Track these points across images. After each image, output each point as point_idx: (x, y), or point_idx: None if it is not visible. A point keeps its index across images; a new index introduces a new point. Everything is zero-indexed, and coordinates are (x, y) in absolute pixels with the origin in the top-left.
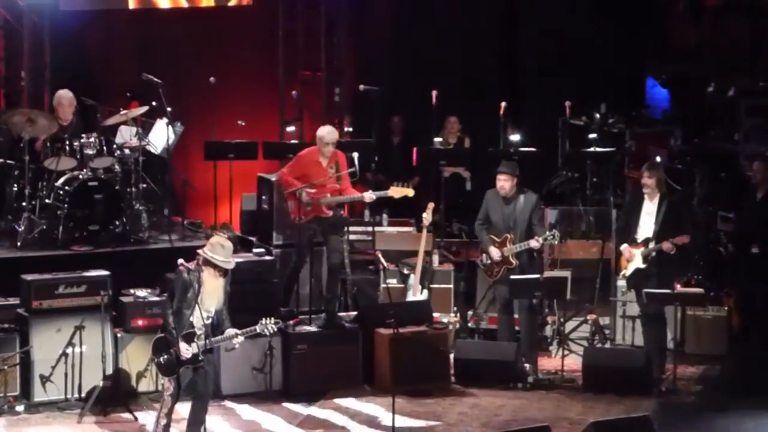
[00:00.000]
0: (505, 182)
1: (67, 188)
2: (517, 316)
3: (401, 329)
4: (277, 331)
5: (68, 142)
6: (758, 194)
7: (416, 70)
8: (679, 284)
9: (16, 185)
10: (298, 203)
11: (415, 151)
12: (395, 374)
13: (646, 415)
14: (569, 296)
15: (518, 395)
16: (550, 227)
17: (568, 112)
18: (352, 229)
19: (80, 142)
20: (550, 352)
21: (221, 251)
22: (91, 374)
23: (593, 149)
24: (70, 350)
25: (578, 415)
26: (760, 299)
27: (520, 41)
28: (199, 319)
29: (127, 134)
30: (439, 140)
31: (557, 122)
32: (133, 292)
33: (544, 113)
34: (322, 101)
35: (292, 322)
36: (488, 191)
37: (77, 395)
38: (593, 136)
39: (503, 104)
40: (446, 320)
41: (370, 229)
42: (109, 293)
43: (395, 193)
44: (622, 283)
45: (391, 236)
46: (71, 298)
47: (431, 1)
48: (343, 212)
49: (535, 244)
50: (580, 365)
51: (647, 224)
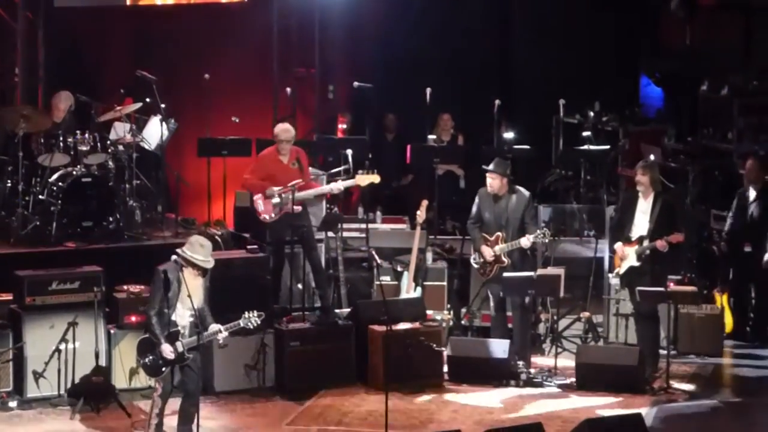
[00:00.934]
0: (493, 180)
1: (60, 184)
2: (510, 314)
3: (395, 326)
4: (259, 323)
5: (62, 138)
6: (751, 193)
7: (410, 67)
8: (672, 282)
9: (9, 181)
10: (265, 202)
11: (409, 148)
12: (388, 371)
13: (638, 413)
14: (562, 294)
15: (511, 393)
16: (543, 225)
17: (561, 110)
18: (345, 226)
19: (74, 138)
20: (543, 350)
21: (200, 250)
22: (84, 370)
23: (587, 147)
24: (63, 346)
25: (571, 413)
26: (753, 297)
27: (514, 39)
28: (181, 317)
29: (121, 131)
30: (432, 138)
31: (551, 120)
32: (126, 288)
33: (538, 111)
34: (315, 98)
35: (285, 319)
36: (480, 190)
37: (64, 390)
38: (587, 134)
39: (497, 102)
40: (440, 318)
41: (363, 226)
42: (102, 289)
43: (362, 180)
44: (615, 281)
45: (384, 233)
46: (64, 294)
47: None
48: (337, 210)
49: (525, 242)
50: (573, 363)
51: (641, 222)
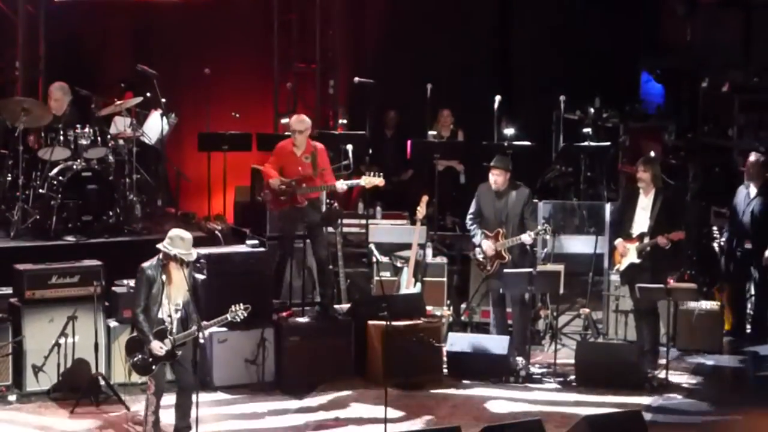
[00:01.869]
0: (498, 177)
1: (60, 178)
2: (509, 310)
3: (394, 322)
4: (246, 316)
5: (62, 132)
6: (752, 190)
7: (411, 63)
8: (671, 279)
9: (9, 175)
10: (273, 194)
11: (409, 144)
12: (388, 367)
13: (638, 409)
14: (562, 290)
15: (510, 389)
16: (543, 221)
17: (562, 106)
18: (345, 221)
19: (74, 132)
20: (542, 346)
21: (180, 243)
22: (83, 364)
23: (587, 144)
24: (62, 340)
25: (570, 409)
26: (753, 294)
27: (515, 35)
28: (167, 313)
29: (121, 125)
30: (433, 133)
31: (551, 116)
32: (126, 282)
33: (538, 107)
34: (316, 93)
35: (285, 314)
36: (480, 186)
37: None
38: (587, 130)
39: (497, 98)
40: (439, 313)
41: (363, 221)
42: (101, 284)
43: (367, 182)
44: (615, 277)
45: (384, 229)
46: (64, 288)
47: None
48: (336, 205)
49: (526, 238)
50: (572, 359)
51: (642, 219)
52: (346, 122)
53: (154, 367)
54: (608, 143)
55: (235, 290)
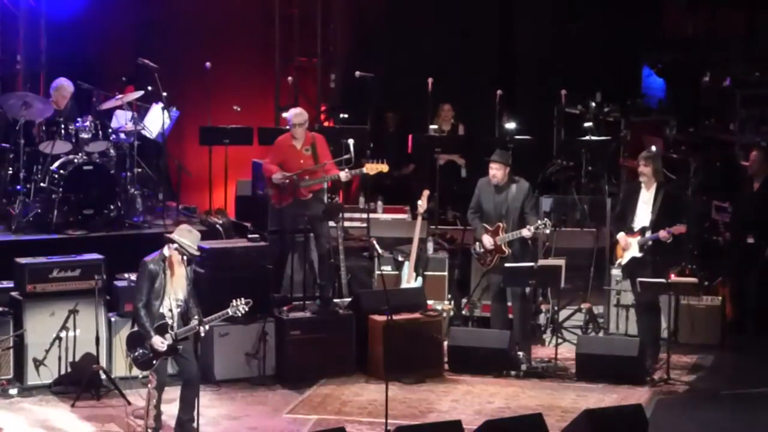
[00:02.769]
0: (497, 171)
1: (62, 172)
2: (510, 304)
3: (395, 316)
4: (247, 311)
5: (63, 126)
6: (755, 184)
7: (412, 57)
8: (673, 274)
9: (10, 168)
10: (276, 188)
11: (410, 138)
12: (389, 361)
13: (638, 404)
14: (563, 285)
15: (511, 383)
16: (544, 216)
17: (563, 100)
18: (346, 215)
19: (75, 126)
20: (543, 340)
21: (188, 235)
22: (84, 358)
23: (588, 138)
24: (63, 334)
25: (571, 403)
26: (754, 289)
27: (516, 29)
28: (168, 308)
29: (122, 119)
30: (434, 128)
31: (552, 111)
32: (127, 276)
33: (539, 101)
34: (317, 87)
35: (286, 308)
36: (480, 180)
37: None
38: (588, 124)
39: (499, 92)
40: (440, 308)
41: (365, 215)
42: (103, 277)
43: (370, 169)
44: (616, 272)
45: (385, 223)
46: (65, 282)
47: None
48: (338, 199)
49: (526, 233)
50: (573, 354)
51: (644, 213)
52: (347, 116)
53: (155, 362)
54: (609, 137)
55: (236, 284)
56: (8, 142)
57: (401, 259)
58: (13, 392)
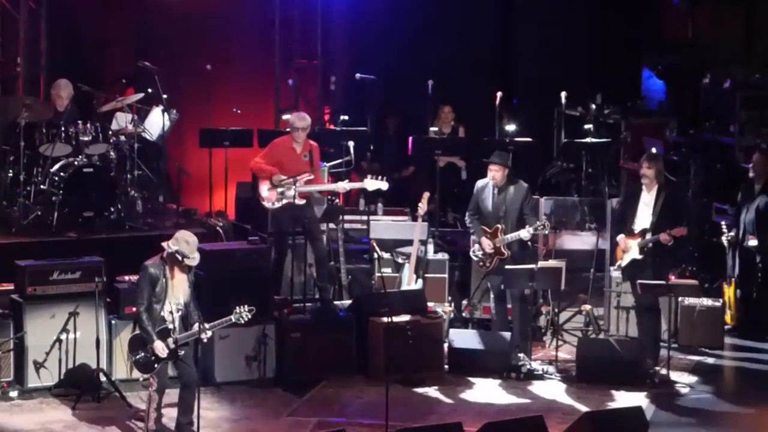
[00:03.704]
0: (496, 173)
1: (62, 174)
2: (510, 306)
3: (395, 318)
4: (250, 318)
5: (64, 128)
6: (756, 186)
7: (412, 59)
8: (673, 275)
9: (11, 171)
10: (270, 189)
11: (410, 140)
12: (389, 363)
13: (639, 406)
14: (563, 287)
15: (512, 385)
16: (544, 217)
17: (563, 102)
18: (347, 217)
19: (76, 128)
20: (544, 342)
21: (186, 246)
22: (84, 360)
23: (588, 140)
24: (64, 336)
25: (571, 405)
26: (756, 292)
27: (516, 31)
28: (170, 312)
29: (122, 121)
30: (434, 130)
31: (553, 113)
32: (127, 278)
33: (539, 103)
34: (317, 90)
35: (286, 310)
36: (478, 182)
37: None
38: (589, 126)
39: (499, 94)
40: (440, 310)
41: (365, 218)
42: (103, 280)
43: (369, 185)
44: (616, 274)
45: (386, 225)
46: (65, 284)
47: None
48: (338, 201)
49: (525, 234)
50: (573, 356)
51: (644, 215)
52: (347, 118)
53: (156, 365)
54: (610, 139)
55: (236, 286)
56: (9, 144)
57: (401, 261)
58: (13, 395)
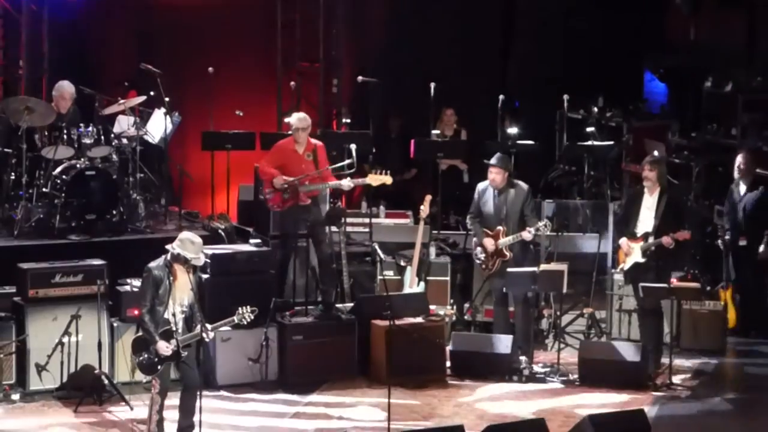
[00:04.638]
0: (496, 175)
1: (64, 177)
2: (512, 308)
3: (397, 321)
4: (253, 318)
5: (66, 131)
6: (741, 187)
7: (415, 62)
8: (675, 278)
9: (13, 173)
10: (276, 192)
11: (412, 143)
12: (391, 366)
13: (641, 408)
14: (566, 289)
15: (514, 388)
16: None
17: (565, 105)
18: (349, 220)
19: (78, 131)
20: (546, 345)
21: (191, 247)
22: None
23: (591, 143)
24: (66, 339)
25: (573, 408)
26: (750, 291)
27: (518, 34)
28: (173, 314)
29: (124, 124)
30: (436, 132)
31: (555, 115)
32: (129, 281)
33: (541, 106)
34: (320, 92)
35: (288, 312)
36: (479, 184)
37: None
38: (591, 129)
39: (501, 97)
40: (442, 312)
41: (367, 220)
42: (105, 282)
43: (373, 180)
44: (618, 276)
45: (388, 228)
46: (67, 287)
47: None
48: (340, 204)
49: (527, 235)
50: (575, 359)
51: (647, 218)
52: (349, 121)
53: (159, 366)
54: (612, 142)
55: (238, 289)
56: (11, 147)
57: (403, 264)
58: (15, 397)
